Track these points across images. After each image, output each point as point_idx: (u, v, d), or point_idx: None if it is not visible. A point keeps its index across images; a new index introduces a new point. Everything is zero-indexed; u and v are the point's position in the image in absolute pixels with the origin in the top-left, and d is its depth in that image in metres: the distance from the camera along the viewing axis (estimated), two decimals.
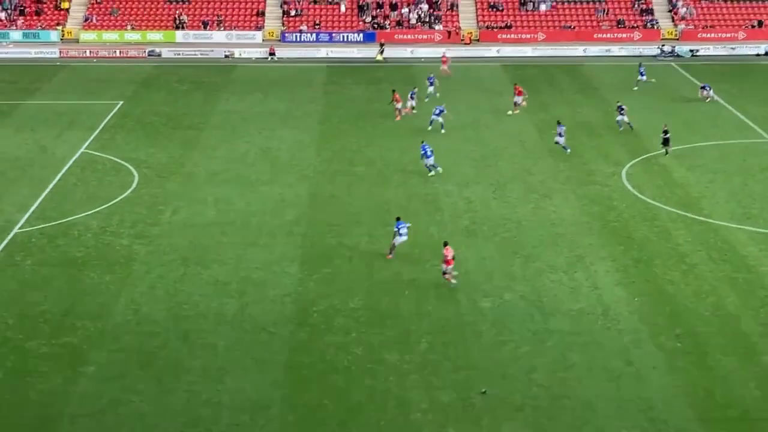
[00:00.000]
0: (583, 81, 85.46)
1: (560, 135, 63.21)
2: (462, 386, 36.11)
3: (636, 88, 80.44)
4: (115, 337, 39.66)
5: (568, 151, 62.51)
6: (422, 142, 59.82)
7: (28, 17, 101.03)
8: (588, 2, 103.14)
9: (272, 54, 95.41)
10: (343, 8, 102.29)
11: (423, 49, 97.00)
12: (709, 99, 76.11)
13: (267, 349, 38.77)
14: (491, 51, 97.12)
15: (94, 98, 78.69)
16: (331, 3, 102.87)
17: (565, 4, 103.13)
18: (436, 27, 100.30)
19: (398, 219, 47.66)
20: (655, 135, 66.80)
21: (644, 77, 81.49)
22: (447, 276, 43.86)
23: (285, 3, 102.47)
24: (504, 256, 47.21)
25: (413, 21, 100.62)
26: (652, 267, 46.36)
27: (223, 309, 42.09)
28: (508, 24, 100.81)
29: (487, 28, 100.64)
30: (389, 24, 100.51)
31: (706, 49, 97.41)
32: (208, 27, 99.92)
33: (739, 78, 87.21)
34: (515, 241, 48.79)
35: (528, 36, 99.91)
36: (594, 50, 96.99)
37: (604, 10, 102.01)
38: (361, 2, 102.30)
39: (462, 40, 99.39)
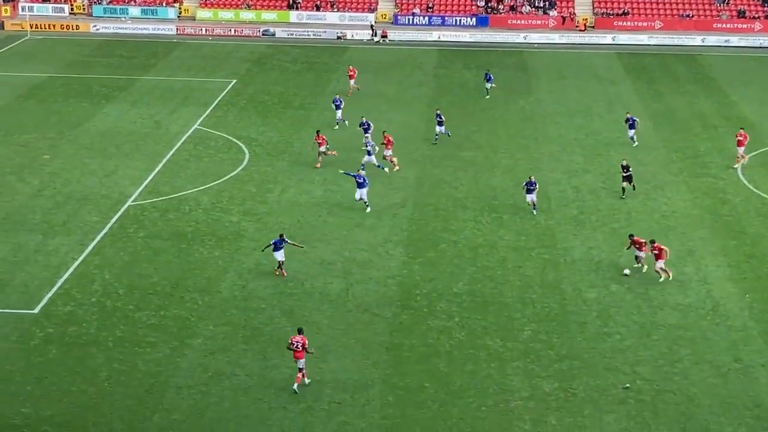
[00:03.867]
0: (700, 71, 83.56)
1: (439, 123, 62.35)
2: (565, 376, 35.77)
3: (488, 97, 73.27)
4: (221, 311, 40.32)
5: (437, 138, 62.15)
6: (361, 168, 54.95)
7: None
8: None
9: (384, 36, 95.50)
10: None
11: (536, 35, 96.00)
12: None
13: (369, 330, 38.97)
14: (606, 38, 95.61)
15: (208, 76, 79.93)
16: None
17: None
18: (551, 12, 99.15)
19: (281, 236, 43.68)
20: None
21: (491, 83, 73.79)
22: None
23: None
24: (612, 247, 46.52)
25: (527, 6, 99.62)
26: (766, 264, 45.19)
27: (327, 288, 42.42)
28: (625, 11, 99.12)
29: (603, 14, 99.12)
30: (503, 8, 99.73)
31: None
32: (321, 8, 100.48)
33: None
34: (624, 232, 47.98)
35: (645, 24, 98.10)
36: (712, 40, 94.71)
37: (724, 0, 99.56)
38: None
39: (576, 26, 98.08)
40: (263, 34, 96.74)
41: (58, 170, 56.67)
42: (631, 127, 61.92)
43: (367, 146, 56.43)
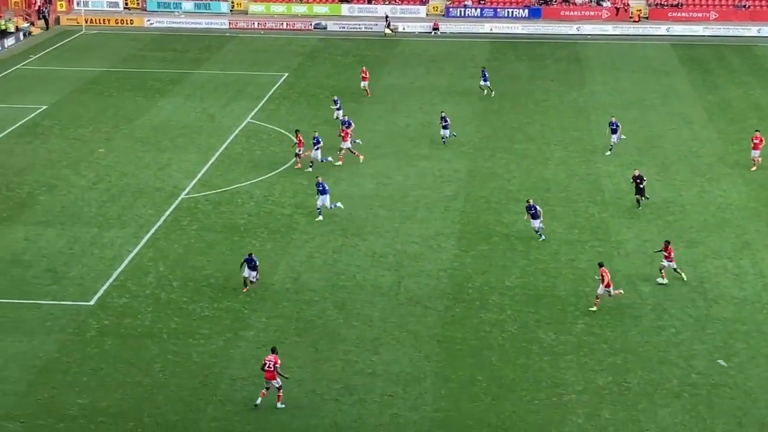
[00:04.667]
0: (756, 62, 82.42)
1: (445, 127, 59.73)
2: (618, 369, 35.52)
3: (486, 93, 71.00)
4: (274, 304, 40.53)
5: (445, 141, 59.85)
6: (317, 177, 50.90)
7: None
8: None
9: (436, 29, 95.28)
10: None
11: (589, 26, 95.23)
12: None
13: (421, 323, 38.96)
14: (660, 29, 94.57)
15: (260, 69, 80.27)
16: None
17: None
18: (604, 4, 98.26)
19: (250, 254, 41.84)
20: None
21: (486, 82, 71.00)
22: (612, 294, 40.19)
23: None
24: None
25: None
26: None
27: (379, 281, 42.47)
28: (680, 2, 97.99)
29: (657, 5, 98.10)
30: (555, 0, 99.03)
31: None
32: (373, 1, 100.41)
33: None
34: (679, 224, 47.57)
35: (699, 15, 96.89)
36: None
37: None
38: None
39: (630, 17, 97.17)
40: (315, 28, 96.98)
41: (113, 163, 57.29)
42: (614, 132, 57.91)
43: (315, 140, 55.41)
